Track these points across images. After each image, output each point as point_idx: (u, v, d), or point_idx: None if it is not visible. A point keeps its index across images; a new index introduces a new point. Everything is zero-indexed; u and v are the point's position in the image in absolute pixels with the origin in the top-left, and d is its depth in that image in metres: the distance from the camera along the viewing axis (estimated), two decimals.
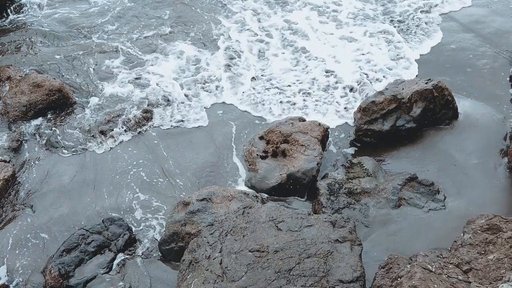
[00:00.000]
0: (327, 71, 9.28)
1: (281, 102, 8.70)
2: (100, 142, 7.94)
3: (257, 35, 10.26)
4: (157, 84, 8.99)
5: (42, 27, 10.34)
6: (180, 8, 10.97)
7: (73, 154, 7.80)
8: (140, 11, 10.90)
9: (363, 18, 10.67)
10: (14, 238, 6.71)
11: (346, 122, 8.27)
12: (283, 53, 9.82)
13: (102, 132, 8.05)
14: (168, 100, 8.71)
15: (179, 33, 10.27)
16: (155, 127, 8.29)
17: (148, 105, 8.56)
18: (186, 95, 8.83)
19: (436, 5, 10.85)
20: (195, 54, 9.72)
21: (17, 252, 6.56)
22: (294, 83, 9.09)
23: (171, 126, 8.31)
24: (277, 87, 9.01)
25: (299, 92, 8.86)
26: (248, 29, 10.41)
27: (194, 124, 8.36)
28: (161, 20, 10.62)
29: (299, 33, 10.28)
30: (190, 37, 10.14)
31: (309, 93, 8.83)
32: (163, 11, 10.85)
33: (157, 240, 6.64)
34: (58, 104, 8.46)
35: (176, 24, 10.50)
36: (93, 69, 9.34)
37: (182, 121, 8.40)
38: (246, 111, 8.61)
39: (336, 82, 9.01)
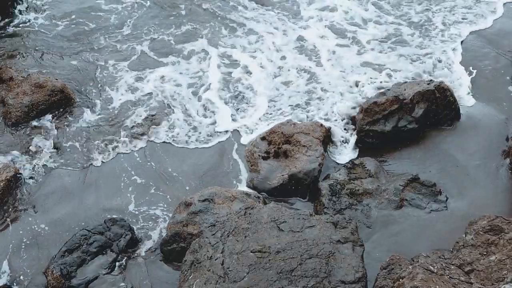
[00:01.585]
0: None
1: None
2: (102, 150, 7.91)
3: (271, 60, 9.55)
4: (163, 91, 8.91)
5: (49, 26, 10.35)
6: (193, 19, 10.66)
7: (75, 158, 7.82)
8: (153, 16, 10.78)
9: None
10: (16, 238, 6.72)
11: None
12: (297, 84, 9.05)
13: (104, 139, 8.04)
14: (172, 109, 8.61)
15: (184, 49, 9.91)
16: (157, 132, 8.25)
17: (153, 114, 8.50)
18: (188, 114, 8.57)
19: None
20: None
21: (19, 252, 6.57)
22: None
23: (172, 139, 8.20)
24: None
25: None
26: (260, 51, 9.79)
27: (198, 145, 8.11)
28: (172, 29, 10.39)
29: (314, 56, 9.59)
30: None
31: None
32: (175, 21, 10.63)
33: (159, 240, 6.65)
34: (60, 104, 8.46)
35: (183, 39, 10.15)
36: (99, 71, 9.31)
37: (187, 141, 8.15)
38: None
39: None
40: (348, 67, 9.27)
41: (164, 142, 8.06)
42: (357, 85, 8.76)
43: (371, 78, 8.86)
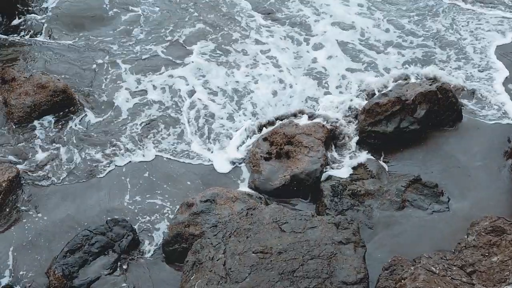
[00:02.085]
0: None
1: None
2: (103, 152, 7.90)
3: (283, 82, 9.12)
4: (167, 99, 8.84)
5: (53, 26, 10.36)
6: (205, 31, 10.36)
7: (77, 159, 7.83)
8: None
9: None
10: (18, 238, 6.72)
11: None
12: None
13: (105, 142, 8.04)
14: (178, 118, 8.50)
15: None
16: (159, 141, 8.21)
17: (154, 119, 8.44)
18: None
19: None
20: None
21: (21, 252, 6.57)
22: None
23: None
24: None
25: None
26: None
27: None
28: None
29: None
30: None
31: None
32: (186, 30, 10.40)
33: (160, 241, 6.65)
34: (63, 105, 8.45)
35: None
36: (104, 72, 9.27)
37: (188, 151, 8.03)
38: None
39: None
40: None
41: (164, 149, 8.02)
42: None
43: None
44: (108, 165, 7.70)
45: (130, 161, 7.75)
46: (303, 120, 8.01)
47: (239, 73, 9.31)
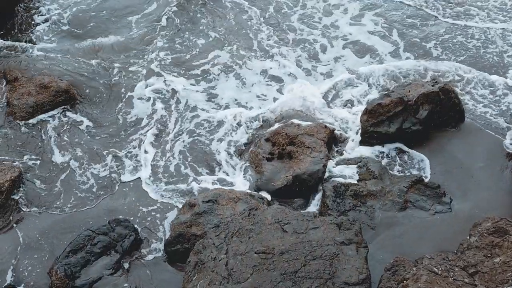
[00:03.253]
0: None
1: None
2: (103, 154, 7.90)
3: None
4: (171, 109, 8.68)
5: (56, 27, 10.38)
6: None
7: (78, 160, 7.84)
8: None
9: None
10: (21, 238, 6.74)
11: None
12: None
13: (106, 144, 8.04)
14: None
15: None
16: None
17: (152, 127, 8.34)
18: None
19: None
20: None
21: (23, 252, 6.59)
22: None
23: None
24: None
25: None
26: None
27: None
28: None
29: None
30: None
31: None
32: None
33: (162, 241, 6.65)
34: (65, 105, 8.47)
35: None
36: (108, 74, 9.25)
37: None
38: None
39: None
40: None
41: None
42: None
43: None
44: (108, 166, 7.72)
45: (132, 162, 7.77)
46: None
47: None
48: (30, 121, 8.24)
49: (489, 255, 5.47)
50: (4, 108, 8.44)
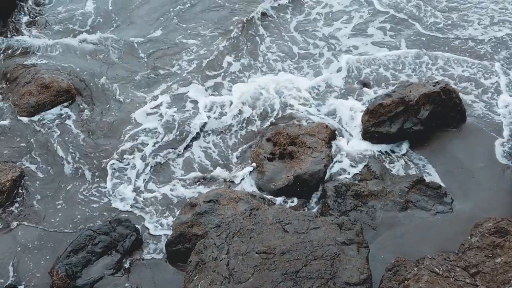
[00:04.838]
0: None
1: None
2: (103, 155, 7.90)
3: None
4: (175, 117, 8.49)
5: (57, 27, 10.39)
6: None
7: (79, 160, 7.84)
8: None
9: None
10: (22, 238, 6.74)
11: None
12: None
13: (106, 145, 8.02)
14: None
15: None
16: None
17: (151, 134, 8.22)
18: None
19: None
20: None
21: (24, 252, 6.59)
22: None
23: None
24: None
25: None
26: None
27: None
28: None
29: None
30: None
31: None
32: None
33: (163, 241, 6.65)
34: (66, 105, 8.48)
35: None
36: (109, 75, 9.25)
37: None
38: None
39: None
40: None
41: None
42: None
43: None
44: (109, 166, 7.72)
45: (132, 162, 7.77)
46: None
47: None
48: (31, 120, 8.24)
49: (490, 255, 5.47)
50: (5, 108, 8.44)
